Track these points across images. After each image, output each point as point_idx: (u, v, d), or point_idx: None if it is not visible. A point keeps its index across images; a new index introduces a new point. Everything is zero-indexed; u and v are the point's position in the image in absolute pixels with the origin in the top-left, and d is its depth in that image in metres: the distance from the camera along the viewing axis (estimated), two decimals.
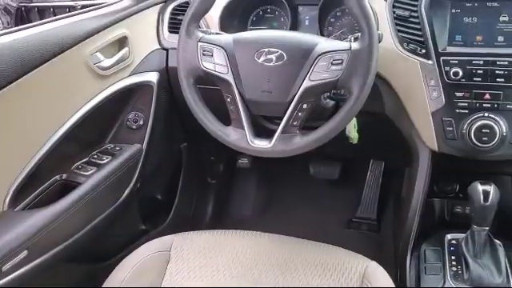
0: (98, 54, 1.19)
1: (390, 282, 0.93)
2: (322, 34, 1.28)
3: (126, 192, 1.30)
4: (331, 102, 1.18)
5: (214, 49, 1.00)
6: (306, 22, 1.36)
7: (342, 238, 1.79)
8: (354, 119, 1.15)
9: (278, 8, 1.35)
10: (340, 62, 0.93)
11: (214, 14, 1.30)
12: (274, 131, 0.98)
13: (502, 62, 1.05)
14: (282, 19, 1.35)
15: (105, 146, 1.30)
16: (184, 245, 1.04)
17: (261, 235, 1.08)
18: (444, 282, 1.00)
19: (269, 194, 2.03)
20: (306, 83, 0.95)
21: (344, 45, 0.95)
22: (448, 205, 1.30)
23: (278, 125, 0.98)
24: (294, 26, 1.34)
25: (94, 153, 1.26)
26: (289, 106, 0.97)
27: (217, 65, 1.00)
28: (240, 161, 1.81)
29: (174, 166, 1.68)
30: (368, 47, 0.92)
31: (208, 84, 1.04)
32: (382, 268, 0.97)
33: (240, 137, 0.99)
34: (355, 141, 1.17)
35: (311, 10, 1.32)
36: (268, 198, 2.02)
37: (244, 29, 1.36)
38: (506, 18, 1.08)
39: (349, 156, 1.83)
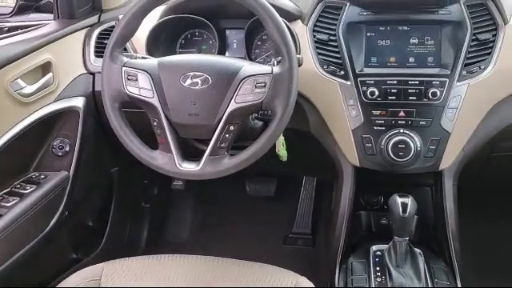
0: (19, 81, 1.15)
1: None
2: (249, 57, 1.31)
3: (53, 221, 1.25)
4: (259, 123, 1.20)
5: (138, 73, 1.01)
6: (234, 45, 1.39)
7: (279, 254, 1.83)
8: (282, 138, 1.19)
9: (206, 31, 1.37)
10: (263, 84, 0.96)
11: (141, 38, 1.30)
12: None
13: (413, 82, 1.13)
14: (211, 42, 1.37)
15: (29, 174, 1.25)
16: (115, 272, 1.02)
17: (194, 258, 1.08)
18: None
19: (206, 214, 2.03)
20: (232, 106, 0.97)
21: (266, 69, 0.98)
22: (374, 217, 1.36)
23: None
24: (223, 49, 1.36)
25: (17, 182, 1.21)
26: (216, 128, 0.98)
27: (142, 89, 1.00)
28: (174, 183, 1.80)
29: (105, 192, 1.64)
30: (288, 71, 0.96)
31: (134, 108, 1.04)
32: (311, 283, 1.00)
33: (167, 161, 1.00)
34: (284, 158, 1.21)
35: (238, 34, 1.35)
36: (205, 219, 2.02)
37: (173, 52, 1.37)
38: (416, 41, 1.16)
39: (283, 173, 1.88)
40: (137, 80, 1.01)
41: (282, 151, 1.19)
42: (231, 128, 0.98)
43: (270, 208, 2.00)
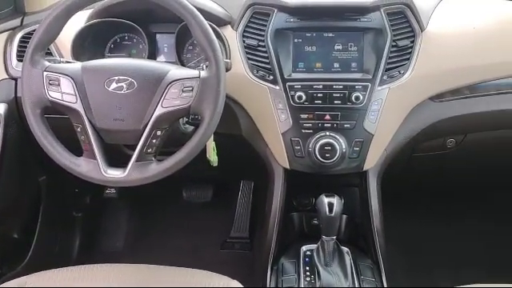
0: None
1: None
2: (180, 61, 1.31)
3: None
4: (190, 128, 1.20)
5: (60, 78, 0.98)
6: (165, 50, 1.37)
7: (216, 260, 1.83)
8: (213, 143, 1.19)
9: (136, 36, 1.35)
10: (190, 89, 0.97)
11: (67, 42, 1.26)
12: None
13: (337, 86, 1.17)
14: (141, 46, 1.35)
15: None
16: (39, 285, 0.98)
17: (123, 267, 1.06)
18: None
19: (142, 222, 1.99)
20: (159, 110, 0.96)
21: (194, 73, 0.99)
22: (306, 218, 1.40)
23: None
24: (153, 54, 1.35)
25: None
26: (142, 133, 0.97)
27: (64, 94, 0.97)
28: (107, 191, 1.75)
29: (32, 202, 1.57)
30: (215, 75, 0.96)
31: (58, 114, 1.00)
32: (241, 286, 1.01)
33: (92, 167, 0.97)
34: (215, 163, 1.21)
35: (169, 38, 1.34)
36: (141, 227, 1.98)
37: (101, 56, 1.33)
38: (340, 47, 1.21)
39: (219, 178, 1.88)
40: (59, 85, 0.98)
41: (212, 156, 1.19)
42: (158, 133, 0.97)
43: (208, 214, 1.99)
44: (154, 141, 0.97)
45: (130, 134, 0.98)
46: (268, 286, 1.13)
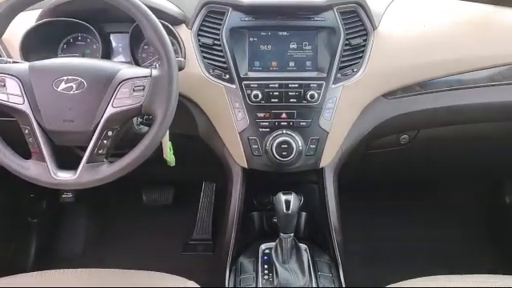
0: None
1: None
2: (135, 61, 1.29)
3: None
4: (145, 128, 1.18)
5: (6, 78, 0.95)
6: (120, 50, 1.35)
7: (178, 262, 1.80)
8: (169, 142, 1.17)
9: (89, 35, 1.32)
10: (142, 88, 0.95)
11: (15, 42, 1.22)
12: None
13: (293, 85, 1.18)
14: (95, 46, 1.32)
15: None
16: None
17: (80, 272, 1.03)
18: None
19: (101, 226, 1.95)
20: (109, 110, 0.95)
21: (145, 71, 0.97)
22: (266, 217, 1.40)
23: None
24: (107, 54, 1.32)
25: None
26: (93, 134, 0.95)
27: (10, 95, 0.94)
28: (64, 195, 1.71)
29: None
30: (167, 74, 0.95)
31: (4, 116, 0.97)
32: (198, 286, 1.01)
33: (41, 170, 0.94)
34: (172, 163, 1.20)
35: (123, 38, 1.32)
36: (100, 231, 1.94)
37: (54, 57, 1.29)
38: (295, 46, 1.22)
39: (180, 180, 1.86)
40: (4, 86, 0.95)
41: (169, 156, 1.18)
42: (109, 134, 0.96)
43: (169, 216, 1.97)
44: (105, 141, 0.96)
45: (81, 135, 0.96)
46: (226, 285, 1.13)
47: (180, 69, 1.15)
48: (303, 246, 1.17)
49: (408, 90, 1.26)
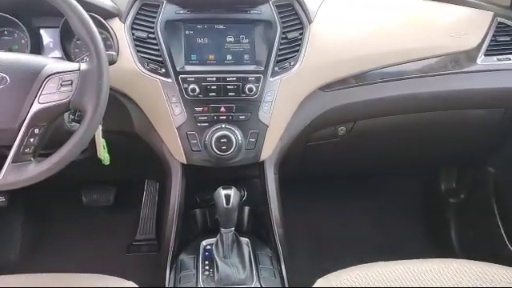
0: None
1: None
2: (68, 57, 1.23)
3: None
4: (77, 126, 1.14)
5: None
6: (51, 45, 1.29)
7: (122, 264, 1.76)
8: (103, 140, 1.13)
9: (17, 30, 1.26)
10: (70, 82, 0.91)
11: None
12: None
13: (231, 78, 1.17)
14: (23, 42, 1.26)
15: None
16: None
17: (13, 278, 0.98)
18: None
19: (39, 230, 1.86)
20: (36, 106, 0.90)
21: (73, 65, 0.93)
22: (209, 213, 1.39)
23: None
24: (37, 49, 1.26)
25: None
26: (18, 132, 0.90)
27: None
28: None
29: None
30: (97, 67, 0.92)
31: None
32: (137, 287, 0.98)
33: None
34: (106, 162, 1.16)
35: (55, 33, 1.26)
36: (38, 236, 1.85)
37: None
38: (232, 39, 1.21)
39: (120, 179, 1.81)
40: None
41: (103, 154, 1.14)
42: (36, 131, 0.91)
43: (111, 217, 1.91)
44: (31, 140, 0.90)
45: (5, 133, 0.90)
46: (167, 283, 1.11)
47: (111, 63, 1.12)
48: (245, 240, 1.17)
49: (343, 83, 1.28)
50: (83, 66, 0.92)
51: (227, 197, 1.07)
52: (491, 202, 1.61)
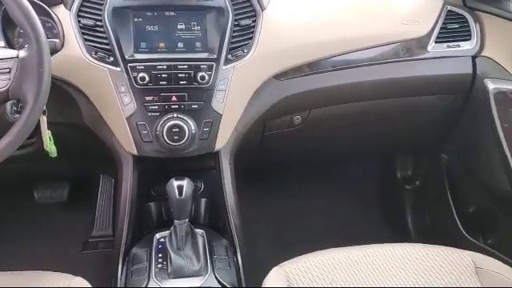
0: None
1: None
2: (11, 46, 1.17)
3: None
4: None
5: None
6: None
7: (78, 262, 1.70)
8: (49, 132, 1.09)
9: None
10: (8, 70, 0.87)
11: None
12: None
13: (182, 66, 1.14)
14: None
15: None
16: None
17: None
18: (148, 281, 1.03)
19: None
20: None
21: (11, 53, 0.89)
22: (165, 205, 1.35)
23: None
24: None
25: None
26: None
27: None
28: None
29: None
30: (36, 54, 0.87)
31: None
32: (86, 282, 0.95)
33: None
34: (53, 154, 1.11)
35: None
36: None
37: None
38: (183, 26, 1.17)
39: (74, 174, 1.75)
40: None
41: (49, 146, 1.09)
42: None
43: (65, 214, 1.85)
44: None
45: None
46: (119, 278, 1.08)
47: (55, 51, 1.07)
48: (200, 232, 1.15)
49: (298, 71, 1.28)
50: (22, 53, 0.88)
51: (180, 188, 1.05)
52: (445, 187, 1.65)
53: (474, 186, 1.52)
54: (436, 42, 1.36)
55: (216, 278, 1.04)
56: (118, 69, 1.12)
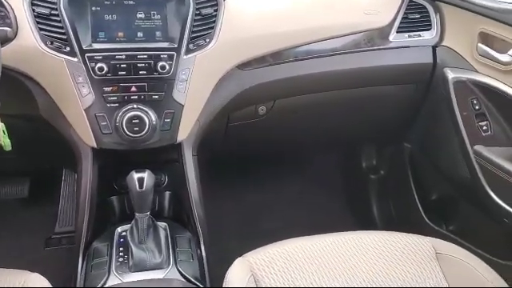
0: None
1: None
2: None
3: None
4: None
5: None
6: None
7: (40, 259, 1.66)
8: (2, 125, 1.04)
9: None
10: None
11: None
12: None
13: (142, 56, 1.12)
14: None
15: None
16: None
17: None
18: (109, 275, 1.01)
19: None
20: None
21: None
22: (128, 199, 1.33)
23: None
24: None
25: None
26: None
27: None
28: None
29: None
30: None
31: None
32: (43, 279, 0.92)
33: None
34: (8, 147, 1.07)
35: None
36: None
37: None
38: (143, 15, 1.15)
39: (33, 169, 1.70)
40: None
41: (3, 140, 1.05)
42: None
43: (26, 211, 1.80)
44: None
45: None
46: (79, 272, 1.05)
47: (6, 40, 1.03)
48: (162, 225, 1.13)
49: (261, 62, 1.27)
50: None
51: (140, 180, 1.03)
52: (408, 176, 1.68)
53: (436, 174, 1.55)
54: (397, 32, 1.37)
55: (178, 270, 1.03)
56: (75, 59, 1.09)
